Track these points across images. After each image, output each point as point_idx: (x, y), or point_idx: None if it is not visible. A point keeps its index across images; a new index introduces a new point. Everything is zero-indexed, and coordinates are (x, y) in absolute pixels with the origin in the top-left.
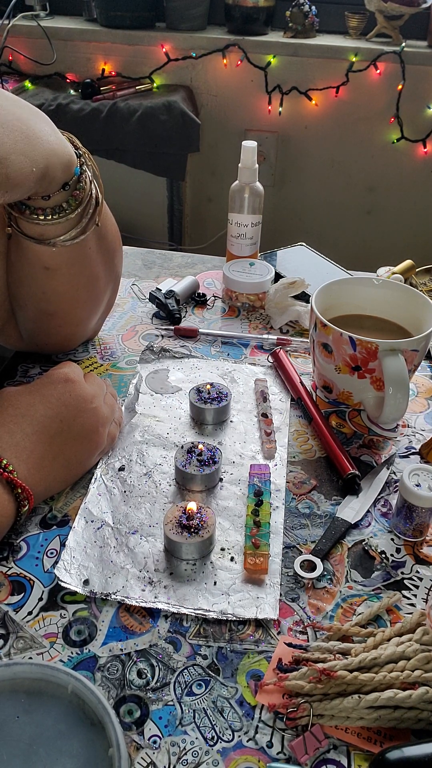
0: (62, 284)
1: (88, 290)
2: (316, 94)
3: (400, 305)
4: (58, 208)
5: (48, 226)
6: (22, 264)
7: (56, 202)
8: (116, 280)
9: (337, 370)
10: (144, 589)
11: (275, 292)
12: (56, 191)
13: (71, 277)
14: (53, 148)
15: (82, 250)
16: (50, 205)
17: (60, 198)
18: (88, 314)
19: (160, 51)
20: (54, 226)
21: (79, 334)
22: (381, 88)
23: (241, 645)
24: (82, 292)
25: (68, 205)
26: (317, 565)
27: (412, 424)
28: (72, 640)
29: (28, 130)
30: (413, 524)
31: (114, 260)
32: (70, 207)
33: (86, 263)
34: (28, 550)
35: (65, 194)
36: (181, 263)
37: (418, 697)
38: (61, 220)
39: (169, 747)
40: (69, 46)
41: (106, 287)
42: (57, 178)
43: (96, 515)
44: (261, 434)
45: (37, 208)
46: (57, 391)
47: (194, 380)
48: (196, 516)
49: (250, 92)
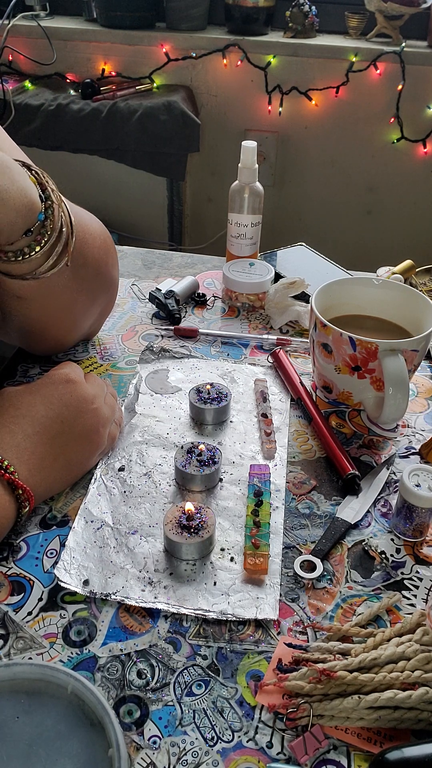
0: (35, 312)
1: (65, 314)
2: (316, 94)
3: (400, 305)
4: (20, 252)
5: (13, 265)
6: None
7: (18, 247)
8: (108, 289)
9: (337, 370)
10: (144, 590)
11: (275, 292)
12: (17, 239)
13: (45, 305)
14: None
15: (55, 281)
16: (12, 249)
17: (22, 243)
18: (68, 332)
19: (160, 51)
20: (19, 265)
21: (63, 346)
22: (381, 88)
23: (241, 645)
24: (58, 316)
25: (30, 249)
26: (317, 566)
27: (412, 424)
28: (72, 641)
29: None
30: (413, 524)
31: (99, 278)
32: (32, 250)
33: (60, 292)
34: (28, 550)
35: (28, 240)
36: (181, 263)
37: (418, 698)
38: (26, 261)
39: (168, 747)
40: (69, 46)
41: (89, 305)
42: (16, 226)
43: (96, 515)
44: (261, 434)
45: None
46: (58, 391)
47: (194, 380)
48: (196, 516)
49: (250, 92)
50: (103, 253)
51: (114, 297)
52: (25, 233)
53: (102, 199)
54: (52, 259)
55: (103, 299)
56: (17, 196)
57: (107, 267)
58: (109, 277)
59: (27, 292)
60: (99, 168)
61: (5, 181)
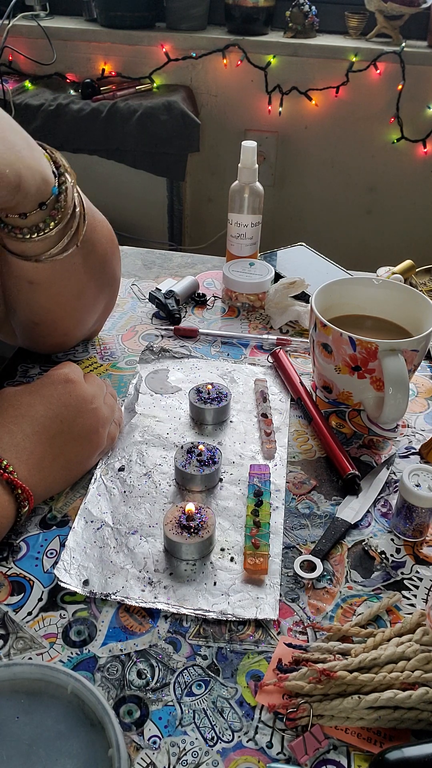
0: (46, 298)
1: (74, 303)
2: (316, 94)
3: (400, 305)
4: (35, 228)
5: (27, 244)
6: (7, 276)
7: (33, 222)
8: (112, 284)
9: (337, 370)
10: (144, 590)
11: (275, 292)
12: (33, 210)
13: (56, 291)
14: (27, 161)
15: (66, 266)
16: (27, 225)
17: (37, 218)
18: (76, 324)
19: (160, 51)
20: (33, 244)
21: (69, 341)
22: (381, 88)
23: (240, 645)
24: (68, 305)
25: (45, 225)
26: (317, 566)
27: (412, 424)
28: (72, 641)
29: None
30: (413, 524)
31: (105, 270)
32: (47, 227)
33: (71, 278)
34: (27, 550)
35: (42, 214)
36: (181, 263)
37: (418, 698)
38: (40, 238)
39: (168, 747)
40: (69, 46)
41: (96, 298)
42: (30, 194)
43: (96, 515)
44: (261, 434)
45: (14, 228)
46: (57, 391)
47: (194, 380)
48: (196, 516)
49: (250, 92)
50: (109, 244)
51: (116, 294)
52: (39, 206)
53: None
54: (66, 239)
55: (107, 293)
56: (33, 162)
57: (113, 259)
58: (113, 269)
59: (39, 276)
60: (99, 168)
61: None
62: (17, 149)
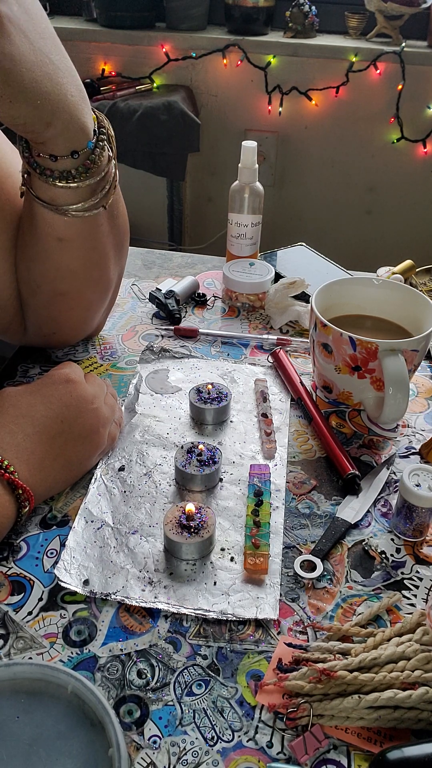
0: (75, 259)
1: (99, 269)
2: (316, 94)
3: (400, 305)
4: (66, 173)
5: (58, 190)
6: (36, 238)
7: (64, 167)
8: (122, 269)
9: (337, 370)
10: (144, 589)
11: (275, 292)
12: (64, 155)
13: (83, 252)
14: (64, 103)
15: (93, 225)
16: (58, 168)
17: (68, 164)
18: (98, 297)
19: (160, 51)
20: (64, 191)
21: (88, 321)
22: (381, 88)
23: (241, 645)
24: (94, 271)
25: (77, 173)
26: (317, 565)
27: (412, 424)
28: (72, 641)
29: (51, 73)
30: (413, 524)
31: (124, 244)
32: (78, 175)
33: (98, 240)
34: (28, 550)
35: (74, 162)
36: (181, 263)
37: (418, 697)
38: (70, 185)
39: (169, 747)
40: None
41: (115, 272)
42: (61, 136)
43: (96, 515)
44: (261, 434)
45: (46, 168)
46: (58, 391)
47: (194, 380)
48: (196, 516)
49: (250, 92)
50: (126, 222)
51: (119, 284)
52: (71, 154)
53: None
54: (97, 197)
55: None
56: (74, 109)
57: (127, 238)
58: (126, 248)
59: (69, 232)
60: None
61: (75, 92)
62: (63, 90)
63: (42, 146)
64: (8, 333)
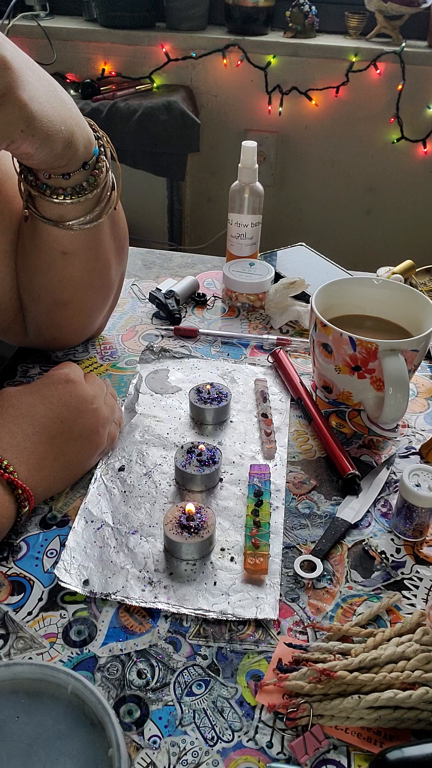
0: (78, 270)
1: (101, 277)
2: (316, 94)
3: (400, 305)
4: (78, 188)
5: (67, 207)
6: (39, 251)
7: (76, 182)
8: (123, 272)
9: (337, 370)
10: (144, 590)
11: (275, 292)
12: (76, 170)
13: (87, 263)
14: (76, 118)
15: (97, 235)
16: (71, 185)
17: (80, 177)
18: (100, 304)
19: (160, 51)
20: (73, 206)
21: (89, 326)
22: (381, 88)
23: (241, 645)
24: (96, 279)
25: (88, 185)
26: (317, 565)
27: (412, 424)
28: (72, 641)
29: (57, 93)
30: (413, 524)
31: (124, 248)
32: (90, 187)
33: (101, 248)
34: (28, 550)
35: (85, 173)
36: (181, 263)
37: (418, 698)
38: (81, 200)
39: (169, 747)
40: (69, 46)
41: (116, 276)
42: (79, 151)
43: (96, 515)
44: (261, 434)
45: (57, 188)
46: (58, 391)
47: (194, 380)
48: (196, 516)
49: (250, 92)
50: (125, 224)
51: (121, 286)
52: (83, 166)
53: None
54: (102, 204)
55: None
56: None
57: (127, 240)
58: (127, 251)
59: (73, 245)
60: None
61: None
62: (68, 107)
63: (60, 168)
64: (9, 334)
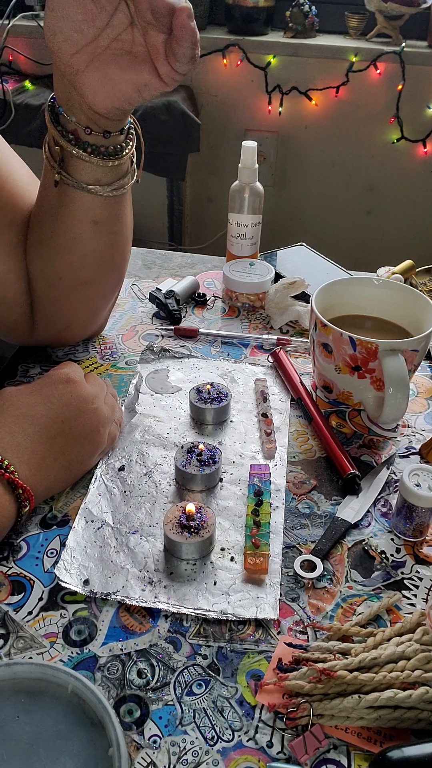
0: (103, 243)
1: (122, 253)
2: (316, 94)
3: (400, 305)
4: (114, 148)
5: (102, 169)
6: (66, 225)
7: (115, 142)
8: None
9: (337, 370)
10: (144, 589)
11: (275, 292)
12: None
13: (112, 235)
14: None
15: (123, 204)
16: (111, 143)
17: (119, 139)
18: (113, 286)
19: None
20: (108, 170)
21: (99, 313)
22: (381, 88)
23: (241, 645)
24: (117, 255)
25: (126, 145)
26: (317, 565)
27: (412, 424)
28: (72, 640)
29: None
30: (413, 524)
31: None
32: (125, 148)
33: (125, 220)
34: (28, 549)
35: (122, 137)
36: (181, 263)
37: (418, 697)
38: (115, 163)
39: (169, 747)
40: None
41: (128, 257)
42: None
43: (96, 515)
44: (261, 434)
45: (99, 146)
46: (58, 391)
47: (194, 380)
48: (196, 516)
49: (250, 92)
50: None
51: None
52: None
53: None
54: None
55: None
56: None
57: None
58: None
59: (104, 214)
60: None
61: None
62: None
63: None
64: (14, 333)
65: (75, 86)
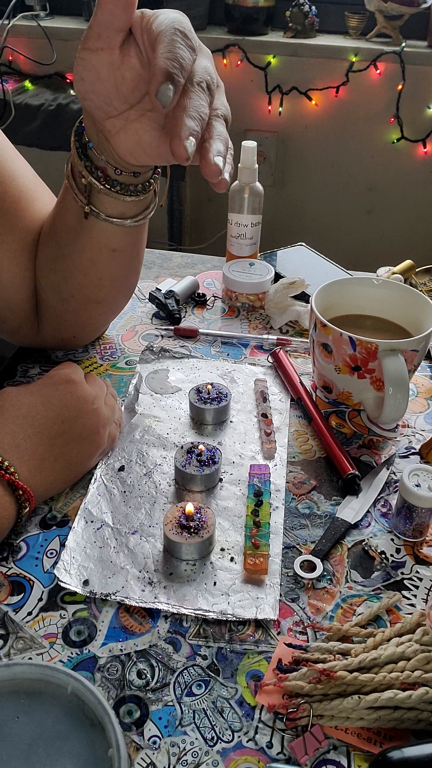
0: (120, 268)
1: (135, 275)
2: (316, 94)
3: (400, 305)
4: (143, 186)
5: (129, 204)
6: (84, 250)
7: (144, 179)
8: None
9: (337, 370)
10: (144, 590)
11: (275, 292)
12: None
13: (129, 260)
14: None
15: (142, 232)
16: (139, 182)
17: (148, 175)
18: (124, 301)
19: None
20: (135, 203)
21: (108, 324)
22: (381, 88)
23: (241, 645)
24: (132, 276)
25: (150, 183)
26: (317, 566)
27: (412, 424)
28: (72, 641)
29: None
30: (413, 524)
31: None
32: (151, 184)
33: (142, 246)
34: (27, 550)
35: (150, 173)
36: (181, 263)
37: (418, 698)
38: (141, 198)
39: (168, 747)
40: (69, 46)
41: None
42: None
43: (96, 515)
44: (261, 434)
45: (128, 185)
46: (58, 392)
47: (194, 380)
48: (196, 516)
49: (250, 92)
50: None
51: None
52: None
53: None
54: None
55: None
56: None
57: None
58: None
59: (124, 242)
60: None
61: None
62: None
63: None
64: (18, 335)
65: (108, 140)
